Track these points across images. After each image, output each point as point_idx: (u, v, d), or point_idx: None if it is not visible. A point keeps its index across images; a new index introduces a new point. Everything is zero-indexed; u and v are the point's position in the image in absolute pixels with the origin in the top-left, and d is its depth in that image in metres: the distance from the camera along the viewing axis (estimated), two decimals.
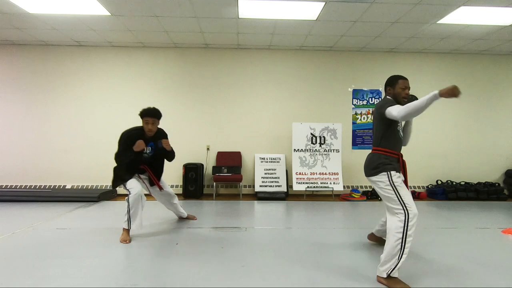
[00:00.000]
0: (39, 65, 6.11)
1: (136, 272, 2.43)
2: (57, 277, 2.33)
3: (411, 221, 2.24)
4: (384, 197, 2.41)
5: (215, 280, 2.30)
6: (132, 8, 4.49)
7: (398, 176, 2.39)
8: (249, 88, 6.31)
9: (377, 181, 2.43)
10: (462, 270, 2.53)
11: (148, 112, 3.31)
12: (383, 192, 2.40)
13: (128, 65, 6.19)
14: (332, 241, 3.26)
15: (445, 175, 6.32)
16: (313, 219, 4.25)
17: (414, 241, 3.19)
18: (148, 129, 3.31)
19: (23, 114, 6.07)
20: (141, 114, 3.34)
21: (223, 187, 6.28)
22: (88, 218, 4.18)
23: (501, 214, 4.68)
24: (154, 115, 3.33)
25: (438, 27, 5.07)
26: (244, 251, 2.93)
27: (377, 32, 5.32)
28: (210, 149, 6.25)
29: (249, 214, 4.59)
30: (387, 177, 2.37)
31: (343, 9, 4.45)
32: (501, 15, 4.57)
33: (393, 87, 2.56)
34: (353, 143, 6.35)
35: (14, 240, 3.20)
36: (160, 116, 3.40)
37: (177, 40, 5.80)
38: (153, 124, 3.33)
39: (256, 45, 6.07)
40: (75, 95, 6.15)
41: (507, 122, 6.48)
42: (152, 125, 3.31)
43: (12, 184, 6.03)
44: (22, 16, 4.77)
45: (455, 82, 6.44)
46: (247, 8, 4.47)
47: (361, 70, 6.37)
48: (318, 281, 2.30)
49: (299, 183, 5.80)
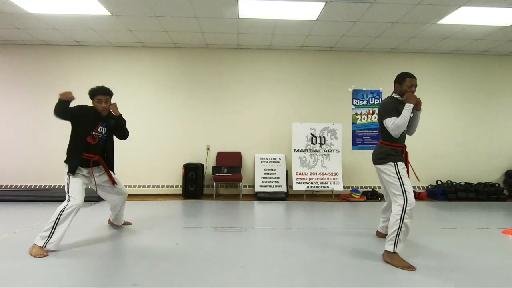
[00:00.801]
0: (39, 65, 6.10)
1: (136, 272, 2.43)
2: (57, 277, 2.33)
3: (408, 207, 2.58)
4: (389, 184, 2.73)
5: (215, 280, 2.30)
6: (132, 8, 4.49)
7: (403, 167, 2.72)
8: (249, 88, 6.31)
9: (384, 169, 2.77)
10: (462, 270, 2.52)
11: (100, 90, 3.12)
12: (389, 179, 2.73)
13: (128, 65, 6.19)
14: (332, 241, 3.26)
15: (445, 176, 6.32)
16: (313, 219, 4.25)
17: (413, 241, 3.19)
18: (102, 107, 3.08)
19: (23, 114, 6.07)
20: (92, 92, 3.12)
21: (223, 187, 6.28)
22: (87, 218, 4.18)
23: (501, 214, 4.68)
24: (107, 93, 3.13)
25: (438, 28, 5.07)
26: (244, 251, 2.93)
27: (377, 32, 5.32)
28: (210, 149, 6.25)
29: (249, 214, 4.59)
30: (394, 167, 2.71)
31: (343, 9, 4.45)
32: (501, 15, 4.57)
33: (400, 84, 2.77)
34: (353, 143, 6.35)
35: (14, 240, 3.20)
36: (112, 94, 3.18)
37: (177, 40, 5.80)
38: (106, 103, 3.11)
39: (256, 45, 6.07)
40: (75, 95, 6.12)
41: (507, 122, 6.48)
42: (105, 103, 3.10)
43: (12, 184, 6.03)
44: (22, 16, 4.77)
45: (455, 82, 6.45)
46: (247, 8, 4.46)
47: (361, 70, 6.37)
48: (318, 281, 2.30)
49: (299, 183, 5.80)
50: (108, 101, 3.13)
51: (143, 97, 6.18)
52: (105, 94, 3.11)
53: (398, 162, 2.72)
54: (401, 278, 2.35)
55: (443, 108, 6.38)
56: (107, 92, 3.13)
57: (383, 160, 2.77)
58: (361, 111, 6.36)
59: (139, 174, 6.09)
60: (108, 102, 3.14)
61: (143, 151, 6.12)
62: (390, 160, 2.73)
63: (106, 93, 3.12)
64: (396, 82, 2.82)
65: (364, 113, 6.36)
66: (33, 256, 2.70)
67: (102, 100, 3.09)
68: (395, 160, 2.72)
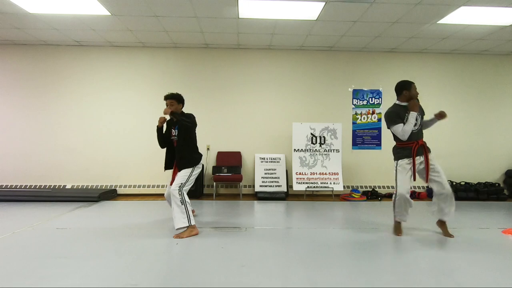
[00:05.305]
0: (39, 65, 6.11)
1: (136, 272, 2.43)
2: (57, 277, 2.33)
3: (397, 197, 3.27)
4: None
5: (215, 280, 2.30)
6: (132, 8, 4.49)
7: (406, 162, 3.24)
8: (249, 88, 6.31)
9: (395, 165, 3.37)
10: (462, 270, 2.52)
11: (165, 96, 3.53)
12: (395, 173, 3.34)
13: (128, 65, 6.19)
14: (332, 241, 3.26)
15: (445, 175, 6.30)
16: (313, 219, 4.25)
17: (414, 241, 3.19)
18: (164, 110, 3.43)
19: (23, 114, 6.07)
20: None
21: (223, 187, 6.28)
22: (88, 218, 4.18)
23: (501, 214, 4.68)
24: (170, 97, 3.49)
25: (438, 27, 5.07)
26: (244, 251, 2.93)
27: (377, 32, 5.32)
28: (210, 149, 6.25)
29: (249, 214, 4.59)
30: (395, 164, 3.31)
31: (343, 9, 4.45)
32: (501, 15, 4.57)
33: (409, 90, 3.23)
34: (353, 143, 6.35)
35: (14, 240, 3.20)
36: (176, 97, 3.51)
37: (177, 40, 5.80)
38: (171, 106, 3.46)
39: (256, 45, 6.07)
40: (75, 95, 6.15)
41: (507, 122, 6.48)
42: (169, 106, 3.46)
43: (12, 184, 6.03)
44: (22, 16, 4.77)
45: (455, 82, 6.46)
46: (247, 8, 4.46)
47: (361, 70, 6.37)
48: (318, 281, 2.30)
49: (299, 183, 5.80)
50: (173, 104, 3.46)
51: (143, 97, 6.18)
52: (168, 98, 3.49)
53: (399, 160, 3.27)
54: (402, 278, 2.35)
55: (443, 108, 6.29)
56: (170, 97, 3.49)
57: (394, 157, 3.36)
58: (361, 111, 6.36)
59: (140, 174, 6.10)
60: (173, 105, 3.46)
61: (144, 151, 6.11)
62: (395, 158, 3.33)
63: (169, 97, 3.49)
64: (404, 89, 3.24)
65: (364, 113, 6.35)
66: (185, 237, 3.19)
67: (167, 104, 3.47)
68: (396, 158, 3.31)
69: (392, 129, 3.23)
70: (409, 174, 3.25)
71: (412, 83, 3.26)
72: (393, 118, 3.21)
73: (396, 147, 3.34)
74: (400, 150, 3.28)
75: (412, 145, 3.22)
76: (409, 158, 3.22)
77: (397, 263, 2.69)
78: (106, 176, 6.09)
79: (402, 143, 3.26)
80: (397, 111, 3.23)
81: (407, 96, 3.24)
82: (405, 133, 3.15)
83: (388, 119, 3.26)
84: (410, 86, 3.23)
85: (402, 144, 3.26)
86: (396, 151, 3.32)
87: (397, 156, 3.29)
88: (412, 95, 3.23)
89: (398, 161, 3.27)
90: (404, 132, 3.15)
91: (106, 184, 6.05)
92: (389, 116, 3.25)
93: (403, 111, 3.22)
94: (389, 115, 3.26)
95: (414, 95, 3.23)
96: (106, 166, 6.11)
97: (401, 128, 3.16)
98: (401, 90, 3.27)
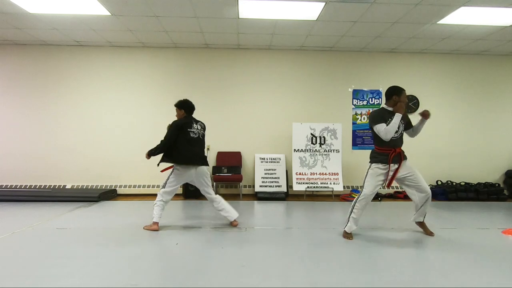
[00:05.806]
0: (39, 65, 6.10)
1: (136, 272, 2.43)
2: (57, 277, 2.33)
3: (360, 198, 3.29)
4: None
5: (215, 280, 2.30)
6: (132, 8, 4.49)
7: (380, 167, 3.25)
8: (249, 88, 6.30)
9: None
10: (462, 270, 2.53)
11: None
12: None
13: (128, 65, 6.19)
14: (332, 241, 3.26)
15: (445, 176, 6.32)
16: (313, 219, 4.25)
17: (413, 241, 3.20)
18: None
19: (23, 114, 6.07)
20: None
21: (223, 187, 6.28)
22: (88, 218, 4.18)
23: (501, 214, 4.68)
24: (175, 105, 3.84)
25: (439, 28, 5.07)
26: (244, 251, 2.93)
27: (377, 33, 5.32)
28: (210, 149, 6.25)
29: (249, 214, 4.59)
30: (369, 166, 3.34)
31: (343, 9, 4.45)
32: (502, 15, 4.57)
33: (399, 96, 3.25)
34: (353, 143, 6.35)
35: (14, 240, 3.20)
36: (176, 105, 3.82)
37: (177, 40, 5.80)
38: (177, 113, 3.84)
39: (256, 45, 6.07)
40: (75, 95, 6.15)
41: (507, 122, 6.48)
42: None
43: (12, 184, 6.03)
44: (22, 16, 4.77)
45: (455, 82, 6.46)
46: (247, 8, 4.46)
47: (361, 70, 6.37)
48: (318, 281, 2.30)
49: (299, 183, 5.80)
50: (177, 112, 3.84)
51: (143, 97, 6.17)
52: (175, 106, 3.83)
53: (373, 163, 3.30)
54: (402, 278, 2.35)
55: (443, 108, 6.37)
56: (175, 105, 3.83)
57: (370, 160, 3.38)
58: (361, 111, 6.36)
59: (140, 174, 6.09)
60: (178, 113, 3.84)
61: (144, 151, 6.08)
62: (371, 161, 3.35)
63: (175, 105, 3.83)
64: (395, 94, 3.25)
65: (364, 113, 6.35)
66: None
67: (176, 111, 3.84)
68: (371, 161, 3.34)
69: (376, 128, 3.21)
70: (379, 178, 3.26)
71: (403, 90, 3.27)
72: (376, 118, 3.23)
73: (374, 151, 3.36)
74: (377, 155, 3.30)
75: (389, 151, 3.23)
76: (384, 164, 3.24)
77: (397, 263, 2.69)
78: (106, 176, 6.09)
79: (381, 148, 3.27)
80: (382, 113, 3.26)
81: (395, 102, 3.24)
82: (388, 133, 3.14)
83: (372, 119, 3.27)
84: (401, 93, 3.24)
85: (381, 149, 3.27)
86: (373, 155, 3.34)
87: (373, 160, 3.31)
88: (401, 101, 3.24)
89: (372, 165, 3.30)
90: (387, 132, 3.14)
91: (106, 184, 6.05)
92: (373, 116, 3.27)
93: (387, 115, 3.23)
94: (373, 116, 3.28)
95: (403, 102, 3.24)
96: (106, 166, 6.11)
97: (383, 127, 3.15)
98: (391, 95, 3.29)
